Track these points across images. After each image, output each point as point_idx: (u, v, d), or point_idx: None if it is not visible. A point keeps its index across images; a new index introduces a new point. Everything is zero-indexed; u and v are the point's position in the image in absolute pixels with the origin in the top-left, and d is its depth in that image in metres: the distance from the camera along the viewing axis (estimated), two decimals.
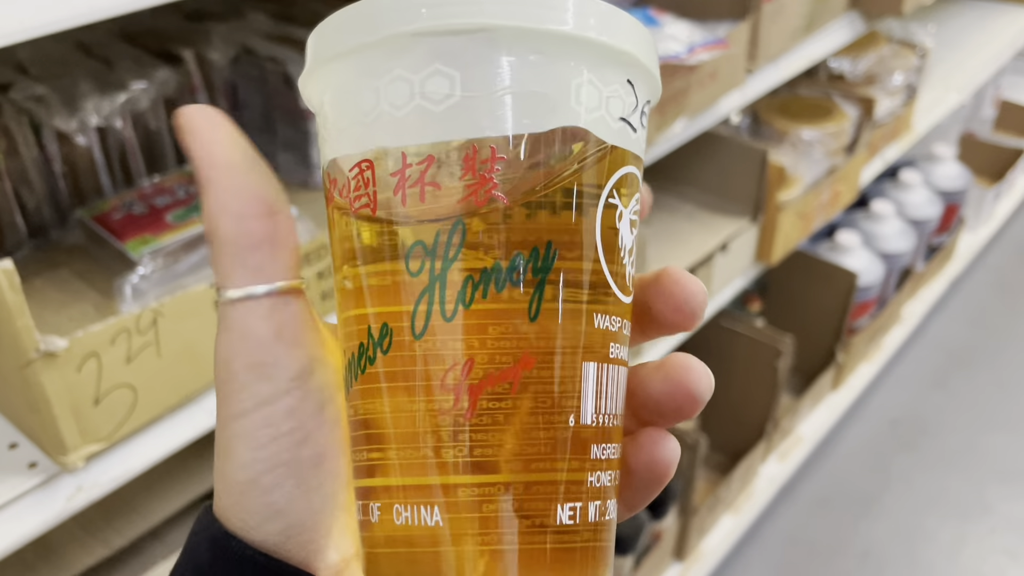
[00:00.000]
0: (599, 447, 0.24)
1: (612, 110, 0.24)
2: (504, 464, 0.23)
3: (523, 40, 0.23)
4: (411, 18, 0.23)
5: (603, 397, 0.24)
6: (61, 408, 0.56)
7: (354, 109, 0.24)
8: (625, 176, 0.25)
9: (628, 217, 0.25)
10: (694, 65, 0.97)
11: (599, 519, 0.24)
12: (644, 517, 1.25)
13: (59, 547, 0.74)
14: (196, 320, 0.63)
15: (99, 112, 0.75)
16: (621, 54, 0.24)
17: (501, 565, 0.23)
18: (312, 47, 0.26)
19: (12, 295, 0.51)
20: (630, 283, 0.26)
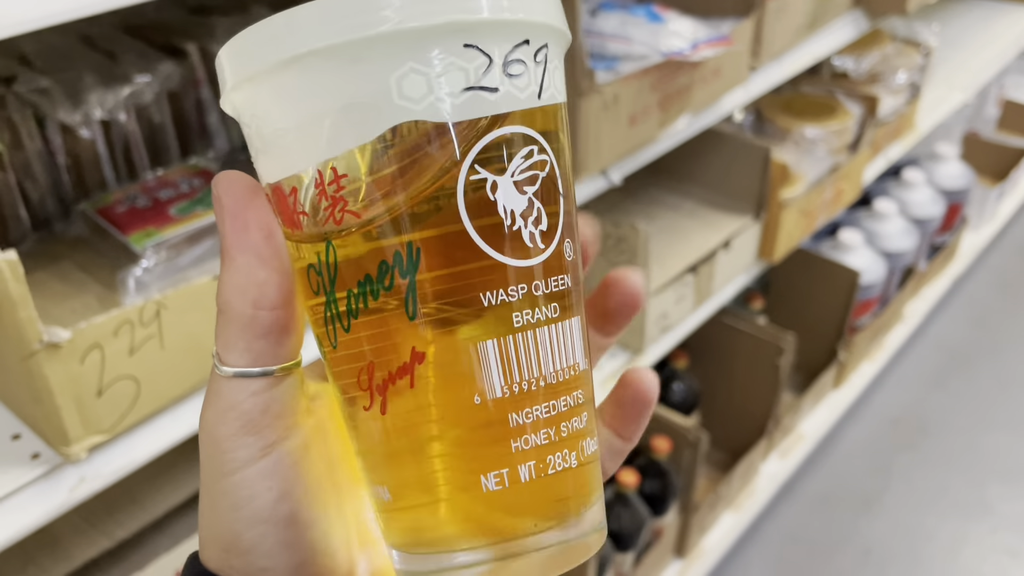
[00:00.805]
0: (519, 414, 0.25)
1: (450, 86, 0.23)
2: (425, 446, 0.25)
3: (334, 57, 0.23)
4: (238, 68, 0.25)
5: (514, 367, 0.25)
6: (64, 399, 0.56)
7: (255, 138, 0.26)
8: (492, 143, 0.24)
9: (509, 180, 0.24)
10: (698, 62, 0.97)
11: (535, 477, 0.25)
12: (645, 514, 1.25)
13: (62, 538, 0.74)
14: (199, 312, 0.63)
15: (103, 105, 0.75)
16: (437, 28, 0.23)
17: (449, 527, 0.26)
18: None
19: (16, 286, 0.51)
20: (539, 242, 0.25)
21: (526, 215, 0.25)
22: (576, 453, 0.26)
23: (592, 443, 0.27)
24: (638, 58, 0.91)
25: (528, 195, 0.25)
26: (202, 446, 0.27)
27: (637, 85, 0.90)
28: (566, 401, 0.26)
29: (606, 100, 0.87)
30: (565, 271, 0.26)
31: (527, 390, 0.25)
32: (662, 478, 1.29)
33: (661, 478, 1.29)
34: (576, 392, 0.26)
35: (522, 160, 0.25)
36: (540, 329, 0.25)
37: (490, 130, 0.24)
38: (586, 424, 0.27)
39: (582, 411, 0.27)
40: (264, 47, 0.24)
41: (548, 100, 0.25)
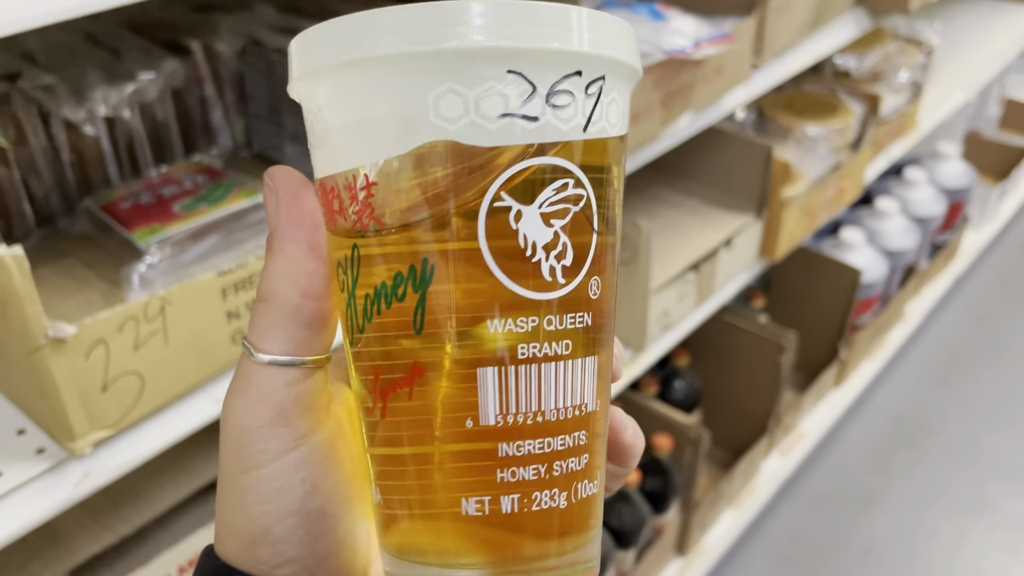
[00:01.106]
0: (510, 445, 0.25)
1: (486, 110, 0.23)
2: (415, 458, 0.26)
3: (380, 68, 0.24)
4: (302, 62, 0.26)
5: (511, 398, 0.25)
6: (69, 394, 0.56)
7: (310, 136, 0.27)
8: (523, 172, 0.24)
9: (536, 211, 0.24)
10: (700, 60, 0.97)
11: (518, 510, 0.25)
12: (646, 511, 1.25)
13: (65, 534, 0.75)
14: (203, 308, 0.63)
15: (107, 102, 0.75)
16: (481, 51, 0.23)
17: (424, 540, 0.26)
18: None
19: (21, 281, 0.52)
20: (559, 276, 0.25)
21: (549, 248, 0.25)
22: (568, 494, 0.26)
23: (590, 486, 0.26)
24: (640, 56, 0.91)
25: (555, 228, 0.24)
26: (227, 438, 0.27)
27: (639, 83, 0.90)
28: (564, 441, 0.25)
29: None
30: (586, 308, 0.25)
31: (522, 423, 0.25)
32: (663, 476, 1.29)
33: (662, 476, 1.29)
34: (577, 433, 0.26)
35: (553, 192, 0.24)
36: (547, 364, 0.25)
37: (522, 159, 0.24)
38: (585, 466, 0.26)
39: (582, 452, 0.26)
40: (324, 47, 0.25)
41: (596, 134, 0.25)
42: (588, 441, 0.26)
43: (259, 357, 0.26)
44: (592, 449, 0.27)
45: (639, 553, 1.28)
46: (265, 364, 0.26)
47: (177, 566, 0.76)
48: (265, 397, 0.26)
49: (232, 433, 0.27)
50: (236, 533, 0.27)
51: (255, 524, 0.27)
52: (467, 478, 0.25)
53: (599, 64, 0.24)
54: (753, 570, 1.51)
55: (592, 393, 0.26)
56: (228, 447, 0.27)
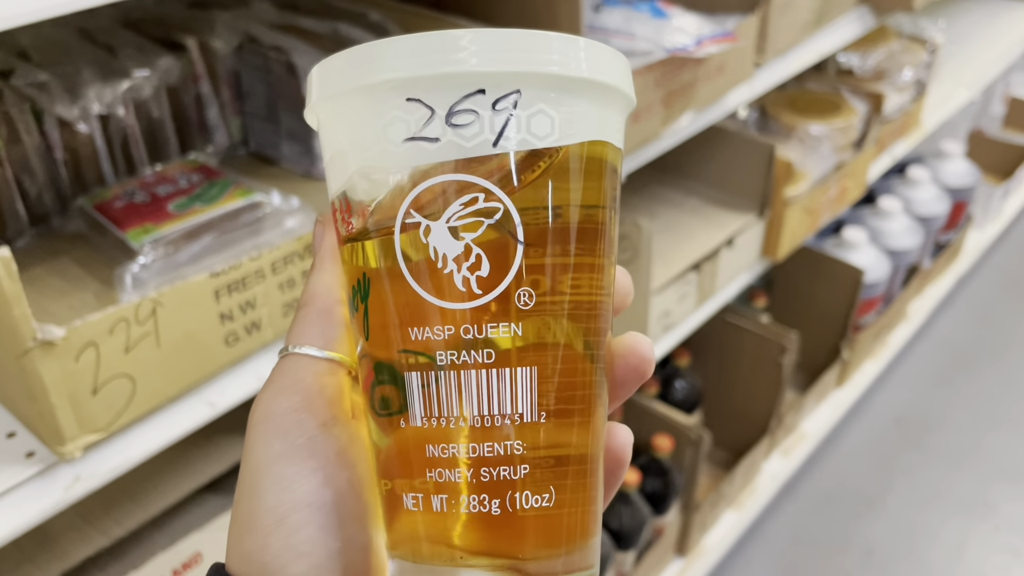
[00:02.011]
0: (436, 447, 0.26)
1: (393, 136, 0.26)
2: (376, 451, 0.28)
3: (334, 107, 0.27)
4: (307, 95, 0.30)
5: (433, 402, 0.26)
6: (59, 397, 0.56)
7: None
8: (429, 189, 0.26)
9: (443, 226, 0.26)
10: (702, 58, 0.96)
11: (446, 510, 0.26)
12: (646, 512, 1.24)
13: (58, 537, 0.74)
14: (195, 310, 0.62)
15: (101, 100, 0.75)
16: (381, 86, 0.25)
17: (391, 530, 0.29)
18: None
19: (9, 283, 0.51)
20: (474, 287, 0.26)
21: (460, 260, 0.26)
22: (500, 502, 0.26)
23: (534, 499, 0.26)
24: (642, 54, 0.90)
25: (466, 241, 0.25)
26: (252, 427, 0.29)
27: (640, 81, 0.90)
28: (493, 448, 0.26)
29: None
30: (513, 319, 0.26)
31: (446, 427, 0.26)
32: (663, 476, 1.28)
33: (662, 476, 1.28)
34: (511, 443, 0.26)
35: (461, 207, 0.25)
36: (466, 372, 0.26)
37: (425, 178, 0.25)
38: (524, 477, 0.26)
39: (519, 463, 0.26)
40: (312, 87, 0.28)
41: (515, 147, 0.25)
42: (527, 452, 0.26)
43: (292, 348, 0.29)
44: (536, 462, 0.26)
45: (639, 554, 1.27)
46: (296, 354, 0.29)
47: (171, 569, 0.76)
48: (294, 384, 0.29)
49: (257, 420, 0.29)
50: (252, 526, 0.28)
51: (271, 513, 0.27)
52: (407, 473, 0.27)
53: (507, 80, 0.25)
54: (754, 571, 1.50)
55: (529, 404, 0.26)
56: (251, 436, 0.29)
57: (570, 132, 0.26)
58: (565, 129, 0.26)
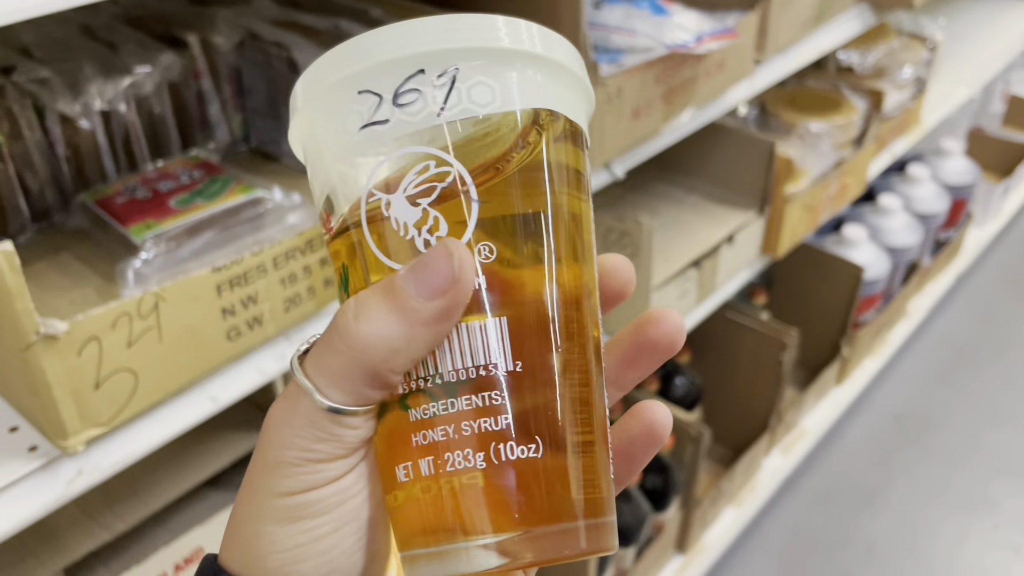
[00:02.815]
0: (417, 409, 0.27)
1: (351, 127, 0.28)
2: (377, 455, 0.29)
3: (308, 114, 0.29)
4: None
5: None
6: (61, 392, 0.56)
7: None
8: (383, 168, 0.27)
9: (402, 196, 0.27)
10: (702, 55, 0.96)
11: (434, 472, 0.27)
12: (646, 509, 1.24)
13: (60, 531, 0.74)
14: (198, 305, 0.63)
15: (103, 96, 0.75)
16: (336, 84, 0.28)
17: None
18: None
19: (12, 277, 0.51)
20: (411, 251, 0.27)
21: (420, 224, 0.27)
22: (484, 454, 0.26)
23: (518, 449, 0.26)
24: (642, 51, 0.90)
25: (423, 206, 0.27)
26: (284, 464, 0.27)
27: (641, 78, 0.90)
28: (470, 400, 0.26)
29: (609, 93, 0.87)
30: (475, 272, 0.27)
31: (424, 387, 0.27)
32: (664, 473, 1.28)
33: (663, 473, 1.28)
34: (486, 393, 0.26)
35: (415, 176, 0.27)
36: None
37: (379, 154, 0.27)
38: (505, 427, 0.26)
39: (498, 412, 0.26)
40: (291, 124, 0.31)
41: (458, 116, 0.27)
42: (505, 402, 0.26)
43: (324, 403, 0.26)
44: (512, 409, 0.27)
45: (639, 551, 1.28)
46: (326, 410, 0.26)
47: (173, 563, 0.76)
48: (334, 438, 0.27)
49: (293, 462, 0.27)
50: (277, 546, 0.27)
51: (307, 535, 0.27)
52: (396, 444, 0.27)
53: (445, 57, 0.27)
54: (754, 568, 1.50)
55: (502, 353, 0.27)
56: (283, 474, 0.27)
57: (512, 99, 0.28)
58: (507, 97, 0.28)
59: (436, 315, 0.25)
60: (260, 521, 0.27)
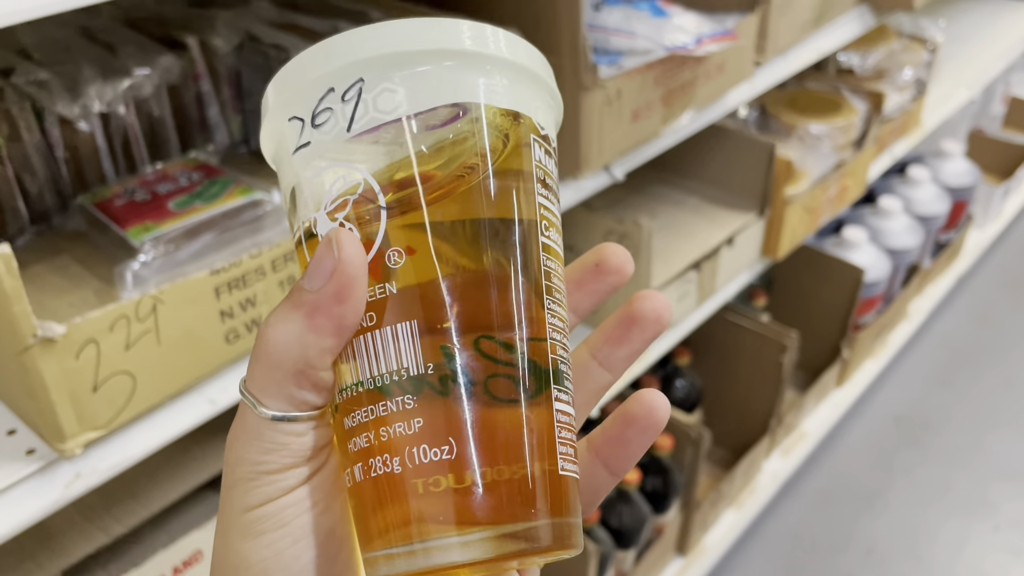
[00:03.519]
0: (349, 417, 0.27)
1: (287, 149, 0.29)
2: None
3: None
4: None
5: (342, 375, 0.28)
6: (59, 394, 0.56)
7: None
8: (308, 188, 0.28)
9: (323, 214, 0.28)
10: (702, 57, 0.96)
11: (363, 478, 0.27)
12: (646, 511, 1.24)
13: (58, 534, 0.74)
14: (196, 307, 0.62)
15: (102, 98, 0.75)
16: (275, 109, 0.29)
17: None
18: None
19: (9, 280, 0.51)
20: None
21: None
22: (400, 459, 0.26)
23: (432, 452, 0.26)
24: (642, 53, 0.90)
25: (339, 220, 0.27)
26: (239, 480, 0.27)
27: (640, 80, 0.90)
28: (386, 406, 0.26)
29: (609, 95, 0.87)
30: (385, 279, 0.27)
31: (352, 396, 0.27)
32: (664, 475, 1.28)
33: (663, 475, 1.28)
34: (400, 397, 0.26)
35: (334, 192, 0.28)
36: (356, 340, 0.27)
37: (303, 178, 0.28)
38: (419, 431, 0.26)
39: (412, 416, 0.26)
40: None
41: (365, 127, 0.27)
42: (418, 405, 0.26)
43: (263, 412, 0.27)
44: (429, 417, 0.26)
45: (639, 553, 1.27)
46: (269, 419, 0.27)
47: (171, 566, 0.76)
48: (279, 448, 0.27)
49: (245, 476, 0.27)
50: (246, 562, 0.27)
51: (269, 548, 0.27)
52: (342, 454, 0.28)
53: (348, 72, 0.27)
54: (754, 570, 1.50)
55: (414, 357, 0.27)
56: (240, 489, 0.27)
57: (420, 101, 0.27)
58: (414, 100, 0.27)
59: (328, 298, 0.25)
60: (228, 538, 0.27)
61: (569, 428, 0.29)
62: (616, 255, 0.32)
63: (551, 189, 0.30)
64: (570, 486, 0.28)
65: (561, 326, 0.29)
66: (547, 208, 0.29)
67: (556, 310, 0.29)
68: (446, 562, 0.26)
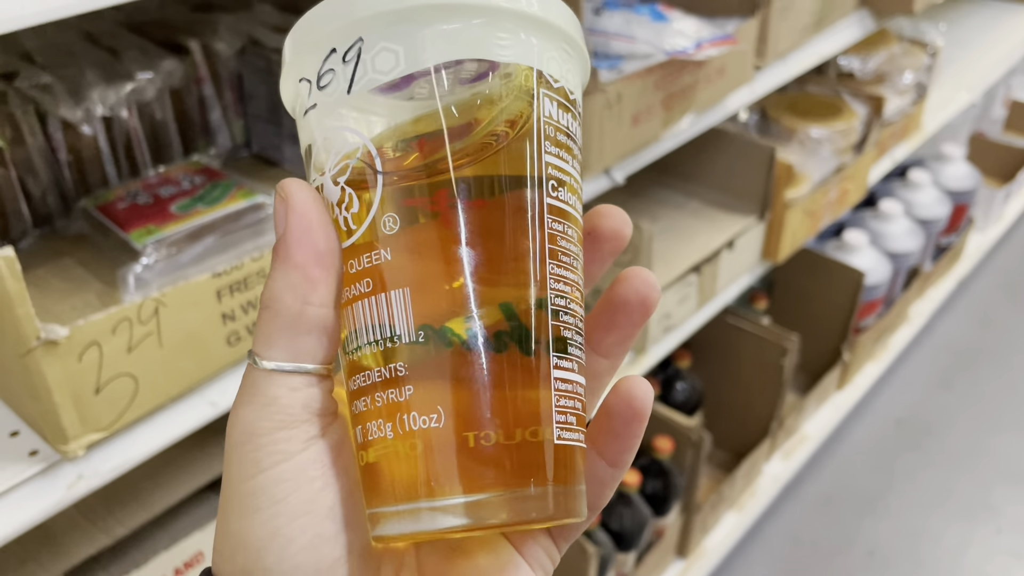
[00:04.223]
0: (351, 380, 0.28)
1: (300, 111, 0.29)
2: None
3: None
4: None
5: (347, 338, 0.28)
6: (62, 396, 0.56)
7: None
8: (317, 150, 0.28)
9: (328, 178, 0.28)
10: (702, 61, 0.96)
11: (362, 440, 0.27)
12: (647, 514, 1.24)
13: (61, 535, 0.74)
14: (198, 310, 0.63)
15: (105, 102, 0.75)
16: (289, 73, 0.29)
17: None
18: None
19: (13, 283, 0.51)
20: (351, 224, 0.28)
21: (340, 202, 0.28)
22: (392, 425, 0.26)
23: (420, 420, 0.26)
24: (642, 57, 0.91)
25: (340, 184, 0.27)
26: (234, 446, 0.27)
27: (641, 84, 0.90)
28: (380, 372, 0.27)
29: (609, 99, 0.87)
30: (382, 245, 0.27)
31: (354, 359, 0.28)
32: (664, 478, 1.28)
33: (663, 478, 1.28)
34: (392, 364, 0.27)
35: (336, 155, 0.28)
36: (356, 304, 0.27)
37: (313, 139, 0.28)
38: (409, 398, 0.26)
39: (403, 384, 0.26)
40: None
41: (364, 87, 0.27)
42: (409, 373, 0.26)
43: (263, 364, 0.27)
44: (422, 381, 0.26)
45: (640, 555, 1.28)
46: (269, 371, 0.27)
47: (173, 568, 0.76)
48: (272, 402, 0.27)
49: (239, 440, 0.27)
50: (243, 542, 0.27)
51: (265, 527, 0.26)
52: (351, 419, 0.28)
53: (348, 32, 0.27)
54: (754, 573, 1.50)
55: (405, 323, 0.27)
56: (235, 455, 0.27)
57: (420, 60, 0.27)
58: (413, 59, 0.27)
59: (295, 234, 0.27)
60: (227, 518, 0.27)
61: (571, 396, 0.28)
62: (609, 219, 0.31)
63: (565, 147, 0.28)
64: (568, 454, 0.27)
65: (566, 290, 0.28)
66: (558, 167, 0.28)
67: (562, 274, 0.28)
68: (432, 528, 0.26)
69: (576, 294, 0.29)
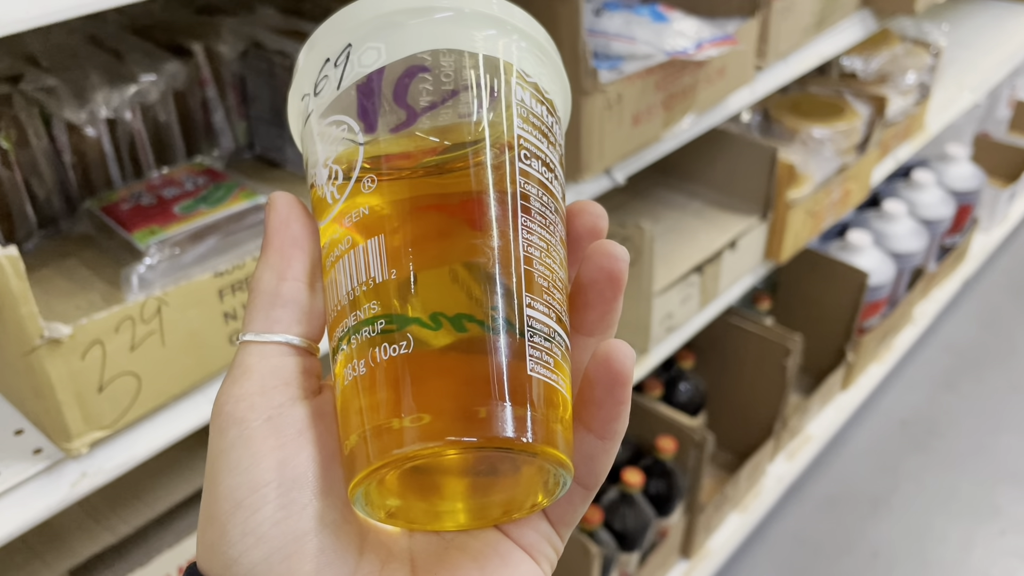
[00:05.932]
0: (339, 328, 0.29)
1: (302, 122, 0.32)
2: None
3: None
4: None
5: (337, 290, 0.30)
6: (65, 395, 0.57)
7: None
8: (306, 143, 0.32)
9: (322, 168, 0.31)
10: (702, 61, 0.97)
11: (355, 375, 0.28)
12: (650, 514, 1.25)
13: (64, 533, 0.75)
14: (200, 309, 0.63)
15: (109, 104, 0.76)
16: (296, 92, 0.32)
17: None
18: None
19: (17, 282, 0.52)
20: (336, 195, 0.30)
21: (329, 178, 0.31)
22: (364, 361, 0.28)
23: (391, 348, 0.27)
24: (642, 57, 0.91)
25: (330, 166, 0.30)
26: (213, 418, 0.28)
27: (641, 85, 0.91)
28: (357, 315, 0.28)
29: (609, 99, 0.87)
30: (363, 204, 0.30)
31: (339, 309, 0.29)
32: (668, 478, 1.28)
33: (667, 478, 1.28)
34: (368, 304, 0.28)
35: (330, 142, 0.31)
36: (340, 261, 0.30)
37: (311, 141, 0.31)
38: (380, 332, 0.27)
39: (376, 319, 0.28)
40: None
41: (351, 80, 0.30)
42: (382, 310, 0.28)
43: (242, 337, 0.29)
44: (388, 313, 0.28)
45: (643, 556, 1.28)
46: (246, 343, 0.29)
47: (177, 566, 0.77)
48: (245, 370, 0.28)
49: (215, 412, 0.28)
50: (211, 515, 0.27)
51: (228, 499, 0.26)
52: (335, 367, 0.30)
53: (337, 41, 0.31)
54: (758, 573, 1.50)
55: (380, 268, 0.28)
56: (211, 429, 0.28)
57: (398, 52, 0.30)
58: (393, 52, 0.30)
59: (272, 233, 0.30)
60: (205, 505, 0.27)
61: (544, 336, 0.28)
62: (582, 216, 0.31)
63: (536, 128, 0.31)
64: (542, 388, 0.27)
65: (540, 244, 0.29)
66: (528, 140, 0.30)
67: (535, 228, 0.29)
68: (401, 452, 0.26)
69: (553, 255, 0.30)
